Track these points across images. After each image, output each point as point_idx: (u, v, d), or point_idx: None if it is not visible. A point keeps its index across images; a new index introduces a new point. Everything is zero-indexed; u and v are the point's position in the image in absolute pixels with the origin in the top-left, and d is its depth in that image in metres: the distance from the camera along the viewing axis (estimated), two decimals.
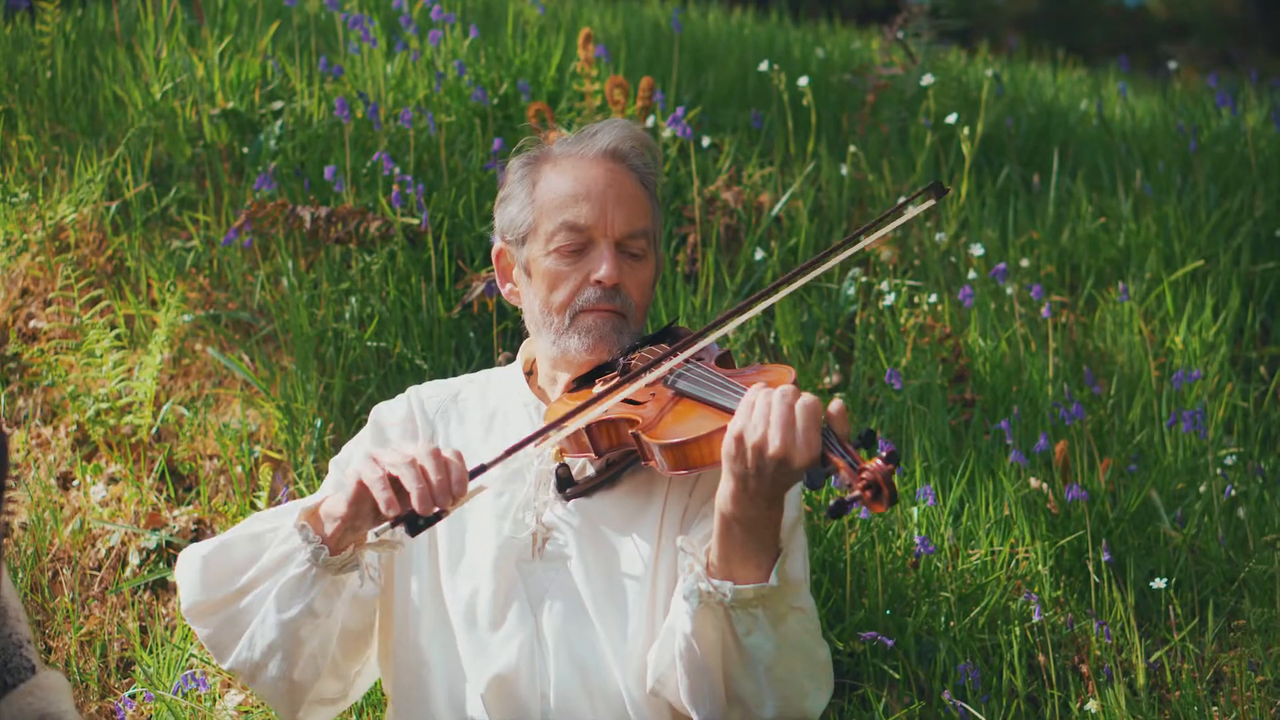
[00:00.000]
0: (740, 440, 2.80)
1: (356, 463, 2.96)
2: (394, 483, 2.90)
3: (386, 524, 2.91)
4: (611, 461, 3.18)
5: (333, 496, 3.01)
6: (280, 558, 3.04)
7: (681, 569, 3.00)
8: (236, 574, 3.08)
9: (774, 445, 2.77)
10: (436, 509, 2.88)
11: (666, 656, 3.00)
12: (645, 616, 3.10)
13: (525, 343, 3.42)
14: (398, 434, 3.32)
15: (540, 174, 3.31)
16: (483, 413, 3.34)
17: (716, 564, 2.90)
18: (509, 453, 3.01)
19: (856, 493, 2.70)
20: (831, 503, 2.72)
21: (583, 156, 3.30)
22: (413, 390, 3.40)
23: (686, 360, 3.12)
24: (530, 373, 3.38)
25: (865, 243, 3.21)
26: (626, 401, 3.08)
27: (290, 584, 3.03)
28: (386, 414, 3.36)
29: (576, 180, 3.26)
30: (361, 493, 2.93)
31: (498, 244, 3.38)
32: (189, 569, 3.12)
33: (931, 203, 3.13)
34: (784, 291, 3.17)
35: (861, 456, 2.76)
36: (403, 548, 3.11)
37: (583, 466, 3.21)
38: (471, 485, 2.93)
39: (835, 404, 2.82)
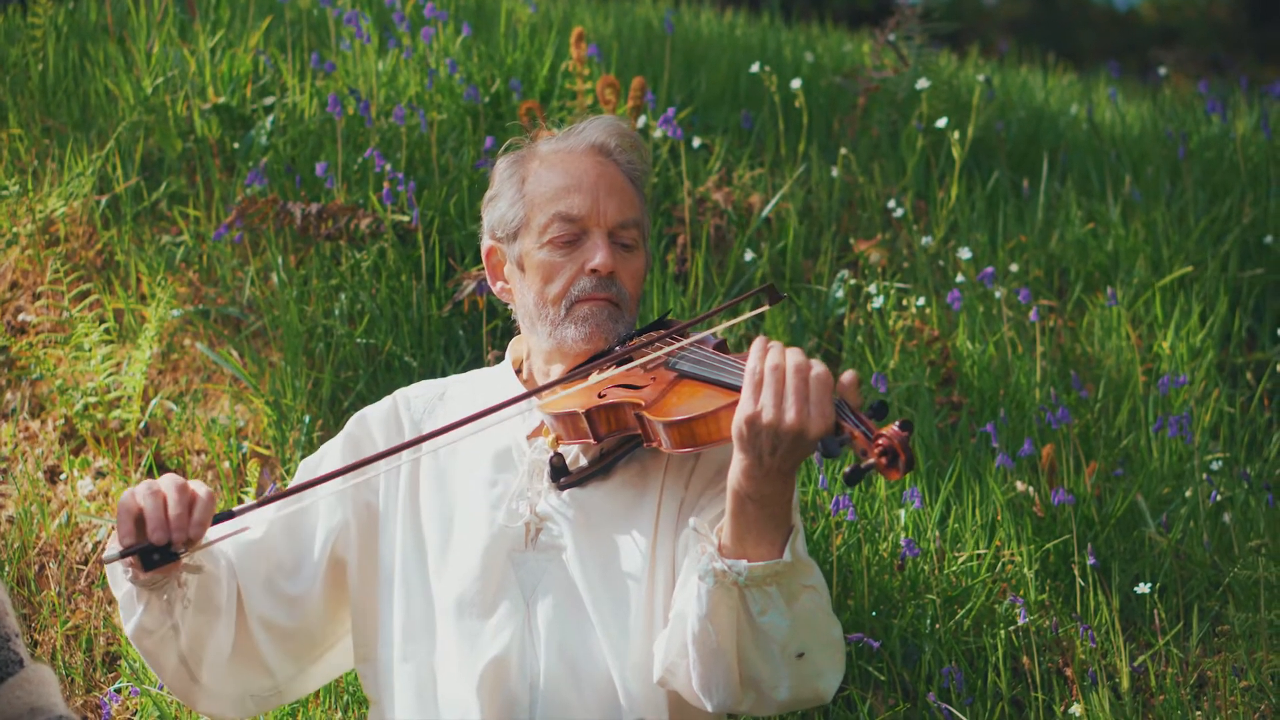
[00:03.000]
0: (754, 420, 2.81)
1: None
2: (139, 515, 2.92)
3: (115, 552, 2.93)
4: (606, 451, 3.19)
5: None
6: (119, 573, 3.09)
7: (692, 551, 3.01)
8: (115, 582, 3.13)
9: (789, 418, 2.78)
10: (170, 544, 2.90)
11: (676, 644, 2.99)
12: (644, 608, 3.10)
13: (514, 341, 3.42)
14: (379, 430, 3.34)
15: (529, 170, 3.33)
16: (470, 408, 3.33)
17: (729, 544, 2.89)
18: (283, 495, 3.06)
19: (872, 460, 2.72)
20: (847, 469, 2.73)
21: (571, 151, 3.33)
22: (399, 392, 3.41)
23: (685, 345, 3.14)
24: (519, 371, 3.39)
25: (705, 332, 3.26)
26: (626, 386, 3.09)
27: (124, 600, 3.09)
28: (369, 413, 3.38)
29: (567, 173, 3.29)
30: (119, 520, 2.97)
31: (487, 243, 3.39)
32: None
33: (765, 308, 3.20)
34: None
35: (874, 425, 2.78)
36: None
37: (576, 456, 3.22)
38: (222, 528, 2.98)
39: (847, 374, 2.83)
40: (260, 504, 3.07)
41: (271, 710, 3.43)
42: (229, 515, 2.99)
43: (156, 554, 2.90)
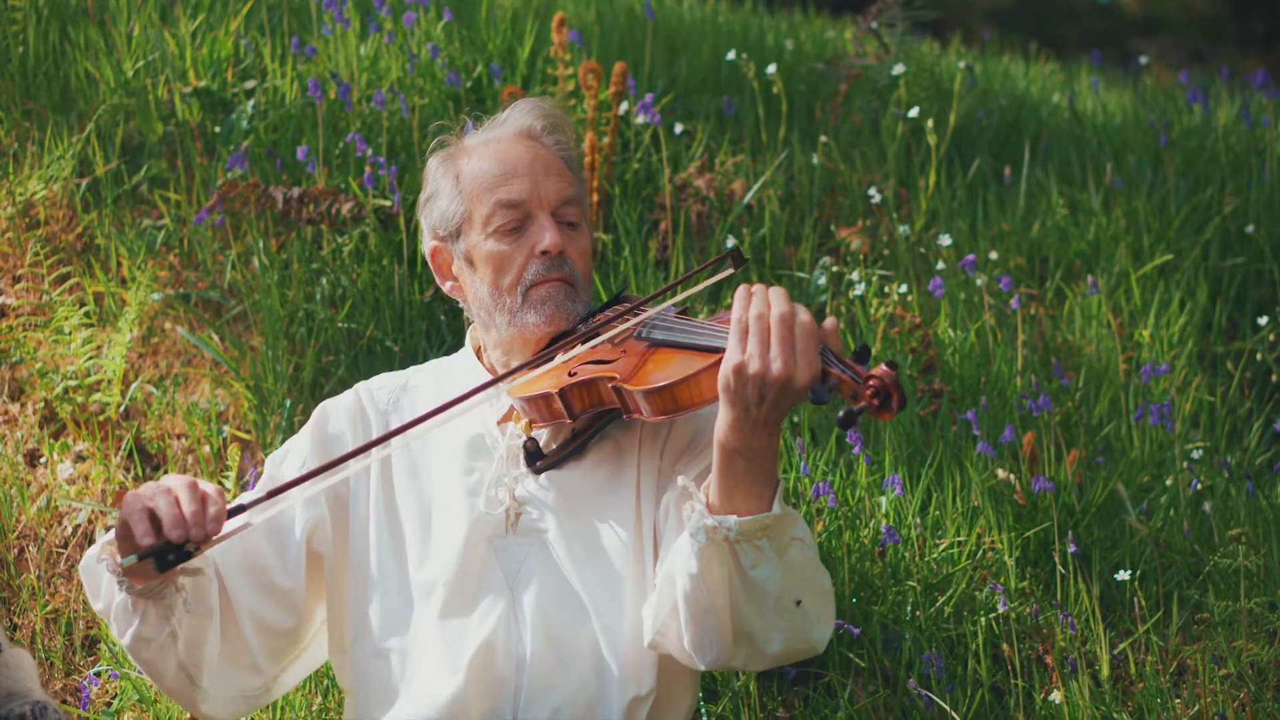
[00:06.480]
0: (741, 369, 2.81)
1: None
2: (152, 515, 2.89)
3: (133, 556, 2.90)
4: (578, 431, 3.19)
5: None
6: (109, 584, 3.08)
7: (674, 516, 3.04)
8: (96, 594, 3.14)
9: (776, 368, 2.79)
10: (189, 544, 2.87)
11: (666, 606, 3.00)
12: (632, 580, 3.11)
13: (471, 328, 3.42)
14: (344, 425, 3.33)
15: (460, 165, 3.35)
16: (436, 397, 3.32)
17: (717, 500, 2.91)
18: (295, 483, 3.05)
19: (864, 402, 2.73)
20: (840, 413, 2.74)
21: (500, 140, 3.36)
22: (360, 385, 3.42)
23: (650, 315, 3.15)
24: (480, 356, 3.39)
25: (666, 304, 3.24)
26: (596, 363, 3.09)
27: (117, 612, 3.07)
28: (330, 407, 3.38)
29: (501, 160, 3.31)
30: (124, 527, 2.92)
31: (430, 244, 3.40)
32: None
33: (731, 271, 3.19)
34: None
35: (861, 368, 2.78)
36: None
37: (549, 438, 3.22)
38: (231, 524, 2.95)
39: (828, 321, 2.85)
40: (266, 497, 3.05)
41: (260, 708, 3.43)
42: (240, 509, 2.98)
43: (171, 554, 2.87)
